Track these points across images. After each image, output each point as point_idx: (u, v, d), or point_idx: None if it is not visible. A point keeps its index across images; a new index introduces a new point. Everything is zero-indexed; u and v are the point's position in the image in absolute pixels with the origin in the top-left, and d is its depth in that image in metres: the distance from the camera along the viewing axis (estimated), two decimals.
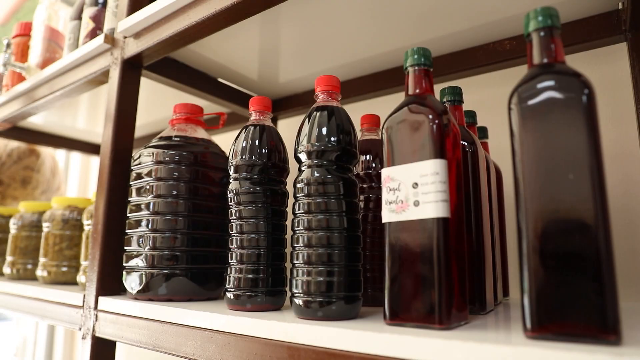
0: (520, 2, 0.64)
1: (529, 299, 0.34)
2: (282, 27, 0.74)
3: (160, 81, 0.84)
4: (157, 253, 0.62)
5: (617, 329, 0.31)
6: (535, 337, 0.34)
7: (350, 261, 0.47)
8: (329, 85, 0.52)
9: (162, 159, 0.64)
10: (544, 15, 0.39)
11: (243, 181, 0.56)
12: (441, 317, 0.39)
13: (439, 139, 0.41)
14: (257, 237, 0.54)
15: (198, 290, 0.63)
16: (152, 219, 0.63)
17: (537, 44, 0.39)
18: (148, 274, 0.61)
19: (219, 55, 0.84)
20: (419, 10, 0.67)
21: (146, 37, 0.69)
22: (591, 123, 0.34)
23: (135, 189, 0.66)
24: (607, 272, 0.32)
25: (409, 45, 0.77)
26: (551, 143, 0.35)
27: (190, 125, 0.70)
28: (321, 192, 0.48)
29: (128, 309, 0.60)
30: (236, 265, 0.54)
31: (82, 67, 0.81)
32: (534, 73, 0.37)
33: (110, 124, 0.70)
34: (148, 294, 0.61)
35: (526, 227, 0.35)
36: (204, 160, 0.66)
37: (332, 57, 0.84)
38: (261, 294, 0.52)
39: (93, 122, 1.29)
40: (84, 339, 0.66)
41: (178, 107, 0.71)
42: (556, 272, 0.34)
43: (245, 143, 0.56)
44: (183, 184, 0.64)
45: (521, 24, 0.69)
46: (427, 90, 0.46)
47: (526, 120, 0.36)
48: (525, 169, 0.36)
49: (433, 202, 0.40)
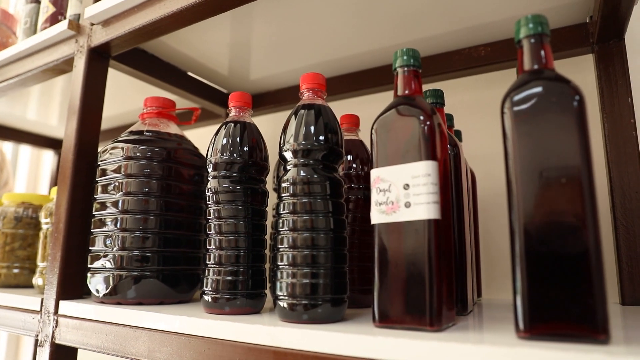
0: (496, 10, 0.65)
1: (521, 300, 0.35)
2: (255, 22, 0.72)
3: (128, 72, 0.80)
4: (126, 254, 0.58)
5: (607, 328, 0.32)
6: (528, 338, 0.34)
7: (337, 263, 0.46)
8: (315, 83, 0.51)
9: (133, 155, 0.60)
10: (534, 22, 0.40)
11: (222, 179, 0.53)
12: (432, 319, 0.38)
13: (430, 140, 0.41)
14: (236, 238, 0.52)
15: (170, 292, 0.60)
16: (121, 218, 0.59)
17: (527, 51, 0.40)
18: (116, 276, 0.58)
19: (189, 47, 0.81)
20: (398, 12, 0.68)
21: (116, 26, 0.65)
22: (582, 128, 0.35)
23: (102, 185, 0.62)
24: (597, 273, 0.33)
25: (386, 46, 0.78)
26: (544, 147, 0.36)
27: (163, 120, 0.67)
28: (307, 191, 0.47)
29: (94, 313, 0.57)
30: (214, 267, 0.52)
31: (41, 54, 0.76)
32: (526, 79, 0.38)
33: (74, 117, 0.66)
34: (116, 297, 0.58)
35: (519, 229, 0.36)
36: (177, 157, 0.63)
37: (306, 56, 0.83)
38: (241, 297, 0.51)
39: (45, 114, 1.21)
40: (42, 347, 0.61)
41: (149, 101, 0.67)
42: (548, 273, 0.34)
43: (225, 140, 0.54)
44: (155, 181, 0.61)
45: (496, 31, 0.71)
46: (417, 91, 0.46)
47: (519, 124, 0.37)
48: (518, 172, 0.37)
49: (425, 203, 0.40)
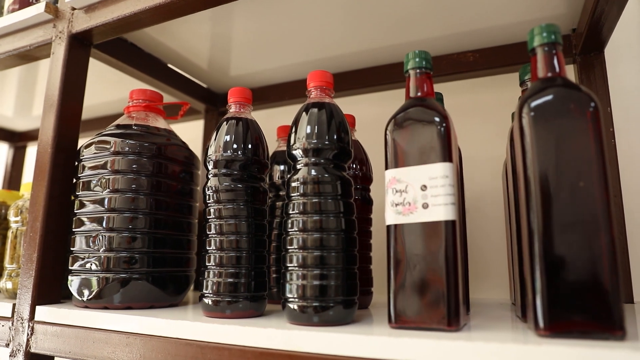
0: (485, 18, 0.68)
1: (541, 300, 0.36)
2: (236, 17, 0.70)
3: (106, 61, 0.75)
4: (113, 254, 0.55)
5: (623, 325, 0.34)
6: (548, 335, 0.35)
7: (348, 264, 0.45)
8: (323, 81, 0.50)
9: (121, 149, 0.57)
10: (548, 31, 0.41)
11: (223, 177, 0.52)
12: (451, 319, 0.39)
13: (447, 142, 0.42)
14: (238, 238, 0.50)
15: (160, 296, 0.57)
16: (108, 217, 0.55)
17: (541, 58, 0.41)
18: (102, 279, 0.54)
19: (170, 37, 0.77)
20: (391, 14, 0.68)
21: (101, 12, 0.61)
22: (598, 133, 0.37)
23: (86, 182, 0.58)
24: (613, 273, 0.35)
25: (376, 48, 0.78)
26: (561, 151, 0.37)
27: (151, 114, 0.63)
28: (318, 191, 0.46)
29: (79, 319, 0.53)
30: (215, 269, 0.50)
31: (9, 39, 0.70)
32: (542, 86, 0.39)
33: (53, 108, 0.61)
34: (101, 301, 0.54)
35: (538, 230, 0.37)
36: (167, 153, 0.60)
37: (291, 54, 0.82)
38: (244, 300, 0.49)
39: (1, 104, 1.12)
40: (14, 357, 0.56)
41: (136, 93, 0.64)
42: (566, 273, 0.36)
43: (228, 137, 0.52)
44: (145, 178, 0.57)
45: (484, 38, 0.73)
46: (429, 93, 0.46)
47: (538, 129, 0.38)
48: (536, 177, 0.38)
49: (443, 204, 0.41)
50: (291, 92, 0.93)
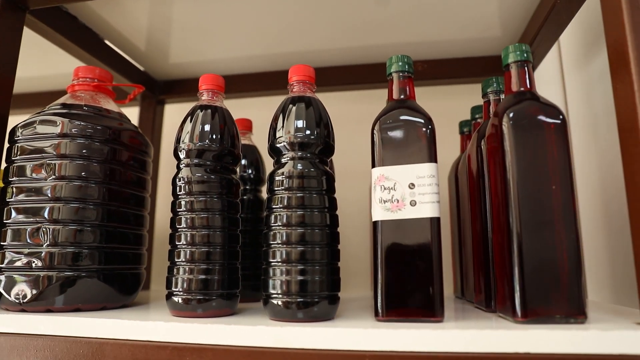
0: (436, 31, 0.73)
1: (519, 291, 0.40)
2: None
3: (37, 30, 0.66)
4: (58, 250, 0.48)
5: (584, 310, 0.39)
6: (525, 322, 0.39)
7: (333, 259, 0.46)
8: (306, 76, 0.50)
9: (69, 131, 0.51)
10: (521, 50, 0.46)
11: (195, 168, 0.48)
12: (436, 310, 0.41)
13: (433, 143, 0.44)
14: (212, 233, 0.47)
15: (113, 295, 0.52)
16: (52, 207, 0.49)
17: (515, 74, 0.46)
18: (45, 278, 0.47)
19: (108, 10, 0.69)
20: (347, 19, 0.70)
21: None
22: (566, 143, 0.42)
23: (22, 167, 0.50)
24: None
25: (328, 49, 0.79)
26: (537, 158, 0.42)
27: (101, 95, 0.57)
28: (304, 186, 0.45)
29: (14, 325, 0.45)
30: (185, 265, 0.47)
31: None
32: (517, 99, 0.44)
33: None
34: (43, 303, 0.47)
35: (517, 228, 0.41)
36: (121, 138, 0.55)
37: (236, 46, 0.80)
38: (217, 297, 0.46)
39: None
40: None
41: (82, 71, 0.57)
42: (540, 267, 0.40)
43: (201, 125, 0.49)
44: (96, 164, 0.52)
45: (434, 50, 0.79)
46: (412, 96, 0.48)
47: (517, 138, 0.42)
48: (514, 178, 0.42)
49: (429, 202, 0.43)
50: (237, 86, 0.90)
